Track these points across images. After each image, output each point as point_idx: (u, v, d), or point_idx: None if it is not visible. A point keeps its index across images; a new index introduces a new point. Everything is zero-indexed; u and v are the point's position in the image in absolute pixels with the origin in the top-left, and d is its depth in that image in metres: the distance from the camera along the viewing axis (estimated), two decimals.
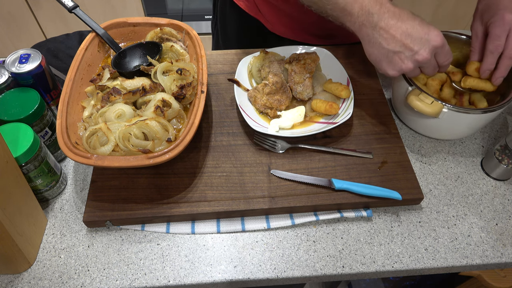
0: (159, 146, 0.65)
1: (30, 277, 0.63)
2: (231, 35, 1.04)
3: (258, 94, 0.78)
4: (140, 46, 0.79)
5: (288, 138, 0.75)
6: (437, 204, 0.72)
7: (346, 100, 0.78)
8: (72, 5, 0.77)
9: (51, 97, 0.74)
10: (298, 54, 0.81)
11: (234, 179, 0.70)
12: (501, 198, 0.73)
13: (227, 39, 1.06)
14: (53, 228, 0.68)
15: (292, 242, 0.67)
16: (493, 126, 0.85)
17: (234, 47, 0.94)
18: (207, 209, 0.66)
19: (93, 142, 0.64)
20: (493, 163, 0.74)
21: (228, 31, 1.04)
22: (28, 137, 0.61)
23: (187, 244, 0.66)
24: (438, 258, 0.66)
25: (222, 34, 1.06)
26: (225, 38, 1.06)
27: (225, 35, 1.05)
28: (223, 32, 1.06)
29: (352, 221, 0.70)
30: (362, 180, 0.70)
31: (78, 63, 0.72)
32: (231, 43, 1.05)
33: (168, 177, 0.70)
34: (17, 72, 0.67)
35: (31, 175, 0.63)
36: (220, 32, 1.07)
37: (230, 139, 0.76)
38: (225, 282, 0.63)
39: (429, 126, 0.77)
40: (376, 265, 0.65)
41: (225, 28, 1.04)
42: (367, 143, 0.76)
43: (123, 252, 0.65)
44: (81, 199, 0.71)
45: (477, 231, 0.69)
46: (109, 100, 0.70)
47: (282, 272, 0.64)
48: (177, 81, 0.71)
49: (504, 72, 0.72)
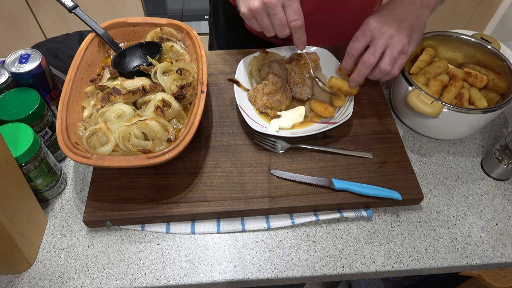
0: (159, 146, 0.65)
1: (30, 277, 0.63)
2: (223, 35, 1.04)
3: (258, 94, 0.78)
4: (140, 46, 0.79)
5: (288, 138, 0.75)
6: (437, 204, 0.72)
7: (346, 100, 0.78)
8: (72, 5, 0.77)
9: (51, 97, 0.74)
10: (298, 54, 0.81)
11: (234, 179, 0.70)
12: (501, 198, 0.73)
13: (220, 39, 1.06)
14: (53, 228, 0.68)
15: (292, 242, 0.67)
16: (493, 126, 0.85)
17: (225, 47, 0.94)
18: (207, 209, 0.66)
19: (93, 142, 0.64)
20: (493, 163, 0.74)
21: (221, 31, 1.04)
22: (28, 137, 0.61)
23: (187, 244, 0.66)
24: (438, 258, 0.66)
25: (216, 34, 1.07)
26: (218, 37, 1.07)
27: (218, 35, 1.06)
28: (216, 32, 1.06)
29: (352, 221, 0.70)
30: (362, 180, 0.70)
31: (78, 63, 0.72)
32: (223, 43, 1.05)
33: (168, 177, 0.70)
34: (17, 72, 0.67)
35: (31, 175, 0.63)
36: (214, 31, 1.07)
37: (230, 139, 0.76)
38: (225, 282, 0.63)
39: (429, 126, 0.77)
40: (376, 265, 0.65)
41: (218, 28, 1.04)
42: (367, 143, 0.76)
43: (123, 252, 0.65)
44: (81, 199, 0.71)
45: (477, 231, 0.69)
46: (109, 100, 0.70)
47: (282, 272, 0.64)
48: (177, 81, 0.71)
49: (357, 78, 0.71)
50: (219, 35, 1.06)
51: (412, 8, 0.69)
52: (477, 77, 0.79)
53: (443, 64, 0.80)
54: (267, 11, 0.65)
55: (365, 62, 0.69)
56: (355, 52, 0.70)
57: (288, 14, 0.65)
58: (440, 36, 0.83)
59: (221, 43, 1.07)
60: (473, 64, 0.83)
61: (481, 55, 0.81)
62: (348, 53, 0.72)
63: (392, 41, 0.67)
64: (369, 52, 0.68)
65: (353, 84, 0.73)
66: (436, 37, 0.83)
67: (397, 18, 0.68)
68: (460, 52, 0.83)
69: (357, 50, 0.70)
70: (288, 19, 0.66)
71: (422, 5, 0.70)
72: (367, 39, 0.69)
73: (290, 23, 0.66)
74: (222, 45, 1.06)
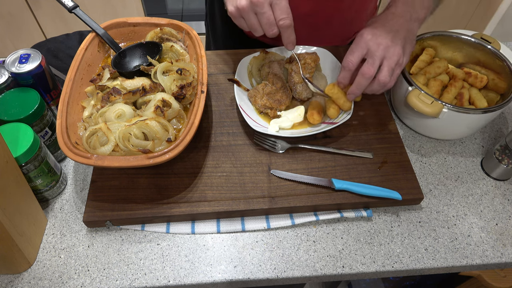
0: (159, 146, 0.65)
1: (30, 277, 0.63)
2: (220, 35, 1.04)
3: (258, 94, 0.78)
4: (140, 46, 0.79)
5: (288, 138, 0.75)
6: (437, 204, 0.72)
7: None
8: (72, 5, 0.77)
9: (51, 97, 0.74)
10: (298, 54, 0.81)
11: (234, 179, 0.70)
12: (501, 198, 0.73)
13: (217, 39, 1.06)
14: (53, 228, 0.68)
15: (292, 242, 0.67)
16: (493, 126, 0.85)
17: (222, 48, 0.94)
18: (207, 209, 0.66)
19: (93, 142, 0.64)
20: (493, 163, 0.74)
21: (217, 31, 1.04)
22: (28, 137, 0.61)
23: (187, 244, 0.66)
24: (438, 258, 0.66)
25: (212, 34, 1.07)
26: (215, 38, 1.07)
27: (215, 35, 1.06)
28: (213, 32, 1.06)
29: (352, 221, 0.70)
30: (362, 180, 0.70)
31: (78, 63, 0.72)
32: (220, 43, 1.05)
33: (168, 177, 0.70)
34: (17, 72, 0.67)
35: (31, 175, 0.63)
36: (211, 32, 1.07)
37: (230, 139, 0.76)
38: (225, 282, 0.63)
39: (429, 126, 0.77)
40: (376, 265, 0.65)
41: (215, 28, 1.05)
42: (367, 143, 0.76)
43: (123, 252, 0.65)
44: (81, 199, 0.71)
45: (477, 231, 0.69)
46: (109, 100, 0.70)
47: (282, 272, 0.64)
48: (177, 81, 0.71)
49: (356, 90, 0.70)
50: (216, 35, 1.06)
51: (403, 21, 0.69)
52: (477, 77, 0.79)
53: (443, 64, 0.80)
54: (254, 9, 0.64)
55: (365, 74, 0.68)
56: (351, 66, 0.69)
57: (276, 12, 0.64)
58: (440, 36, 0.83)
59: (218, 43, 1.07)
60: (473, 64, 0.83)
61: (481, 55, 0.81)
62: (345, 67, 0.70)
63: (389, 52, 0.67)
64: (367, 64, 0.68)
65: (351, 97, 0.73)
66: (436, 37, 0.83)
67: (390, 30, 0.68)
68: (460, 52, 0.83)
69: (353, 64, 0.69)
70: (276, 18, 0.64)
71: (412, 18, 0.70)
72: (363, 51, 0.68)
73: (278, 22, 0.64)
74: (219, 46, 1.06)
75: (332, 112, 0.75)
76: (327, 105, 0.77)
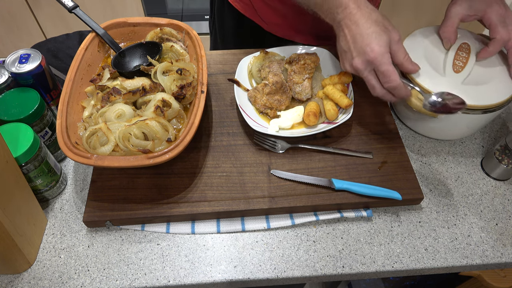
0: (159, 146, 0.65)
1: (30, 277, 0.63)
2: (228, 35, 1.04)
3: (258, 94, 0.78)
4: (140, 46, 0.79)
5: (288, 138, 0.75)
6: (437, 204, 0.72)
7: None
8: (72, 5, 0.77)
9: (51, 97, 0.74)
10: (298, 54, 0.81)
11: (234, 179, 0.70)
12: (501, 198, 0.73)
13: (225, 39, 1.06)
14: (53, 228, 0.68)
15: (292, 242, 0.67)
16: (493, 126, 0.85)
17: (231, 47, 0.94)
18: (207, 209, 0.66)
19: (93, 142, 0.64)
20: (493, 163, 0.74)
21: (226, 31, 1.04)
22: (28, 137, 0.61)
23: (187, 244, 0.66)
24: (438, 258, 0.66)
25: (220, 34, 1.07)
26: (223, 38, 1.06)
27: (223, 35, 1.06)
28: (221, 32, 1.06)
29: (352, 221, 0.70)
30: (362, 180, 0.70)
31: (78, 63, 0.72)
32: (229, 43, 1.05)
33: (168, 177, 0.70)
34: (17, 72, 0.67)
35: (31, 175, 0.63)
36: (218, 32, 1.07)
37: (230, 139, 0.76)
38: (225, 282, 0.63)
39: (429, 126, 0.77)
40: (376, 265, 0.65)
41: (223, 28, 1.04)
42: (367, 143, 0.76)
43: (123, 252, 0.65)
44: (81, 199, 0.71)
45: (477, 231, 0.69)
46: (109, 100, 0.70)
47: (282, 272, 0.64)
48: (177, 81, 0.71)
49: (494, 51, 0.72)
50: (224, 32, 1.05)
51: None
52: None
53: None
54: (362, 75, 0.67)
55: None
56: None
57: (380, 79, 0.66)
58: None
59: (227, 40, 1.06)
60: None
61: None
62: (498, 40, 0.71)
63: None
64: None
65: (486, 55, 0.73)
66: None
67: None
68: None
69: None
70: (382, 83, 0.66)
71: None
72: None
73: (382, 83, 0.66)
74: (229, 41, 1.05)
75: (331, 113, 0.75)
76: (324, 105, 0.76)
